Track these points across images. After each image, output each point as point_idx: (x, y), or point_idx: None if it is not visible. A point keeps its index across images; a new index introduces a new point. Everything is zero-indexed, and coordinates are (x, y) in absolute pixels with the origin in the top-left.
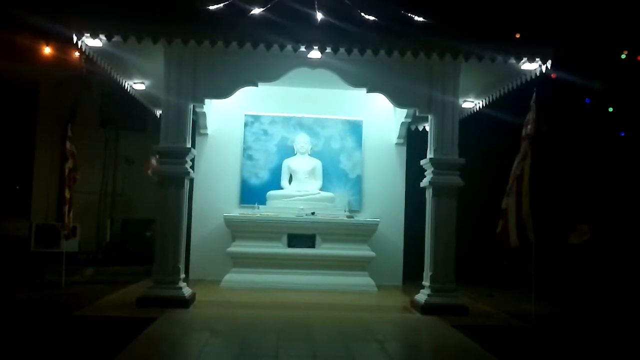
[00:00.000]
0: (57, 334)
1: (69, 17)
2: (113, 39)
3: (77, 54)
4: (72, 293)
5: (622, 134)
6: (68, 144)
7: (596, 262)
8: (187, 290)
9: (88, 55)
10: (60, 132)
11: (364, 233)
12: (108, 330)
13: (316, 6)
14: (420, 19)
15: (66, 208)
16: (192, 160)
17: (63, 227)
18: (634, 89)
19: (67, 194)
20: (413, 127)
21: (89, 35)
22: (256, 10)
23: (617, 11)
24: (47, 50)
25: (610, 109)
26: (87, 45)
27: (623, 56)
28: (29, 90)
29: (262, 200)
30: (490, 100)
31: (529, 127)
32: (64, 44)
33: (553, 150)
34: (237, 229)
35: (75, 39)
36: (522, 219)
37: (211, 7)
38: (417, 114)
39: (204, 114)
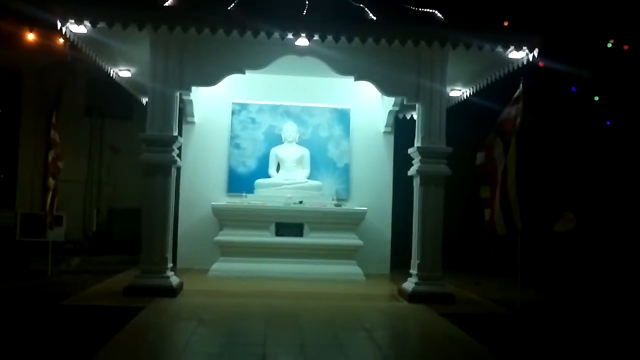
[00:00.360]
0: (44, 323)
1: (53, 2)
2: (98, 25)
3: (61, 40)
4: (59, 282)
5: (608, 123)
6: (52, 132)
7: (582, 250)
8: (174, 279)
9: (72, 42)
10: (44, 120)
11: (351, 222)
12: (95, 320)
13: None
14: (409, 6)
15: (49, 197)
16: (179, 148)
17: (46, 216)
18: (620, 78)
19: (49, 183)
20: (401, 116)
21: (73, 21)
22: None
23: (603, 0)
24: (30, 36)
25: (596, 98)
26: (71, 31)
27: (609, 45)
28: (12, 77)
29: (250, 189)
30: (478, 89)
31: (512, 112)
32: (48, 30)
33: (539, 138)
34: (224, 218)
35: (59, 25)
36: (509, 207)
37: None
38: (404, 102)
39: (190, 101)
